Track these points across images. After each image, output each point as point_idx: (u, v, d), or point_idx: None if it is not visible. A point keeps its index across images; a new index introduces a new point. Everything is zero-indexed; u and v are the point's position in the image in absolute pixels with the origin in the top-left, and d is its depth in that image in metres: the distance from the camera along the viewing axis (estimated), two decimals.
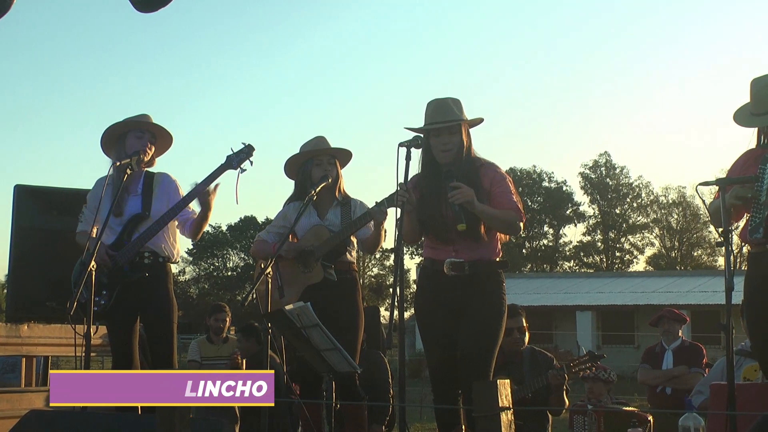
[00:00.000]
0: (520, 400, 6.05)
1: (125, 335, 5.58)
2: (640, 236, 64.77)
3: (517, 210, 4.89)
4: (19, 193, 6.32)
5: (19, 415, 4.72)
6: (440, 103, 4.95)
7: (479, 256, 4.89)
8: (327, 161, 5.78)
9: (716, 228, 4.45)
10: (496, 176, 4.95)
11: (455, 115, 4.92)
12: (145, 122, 5.67)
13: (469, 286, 4.87)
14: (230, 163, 5.47)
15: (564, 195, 63.89)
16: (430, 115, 4.94)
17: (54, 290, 6.11)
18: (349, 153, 5.90)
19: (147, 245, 5.52)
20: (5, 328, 6.06)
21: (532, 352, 6.48)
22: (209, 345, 8.58)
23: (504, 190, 4.91)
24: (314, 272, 5.68)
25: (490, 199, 4.86)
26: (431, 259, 5.01)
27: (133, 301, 5.50)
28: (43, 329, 6.21)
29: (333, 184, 5.77)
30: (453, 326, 4.90)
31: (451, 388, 4.95)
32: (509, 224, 4.92)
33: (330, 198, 5.81)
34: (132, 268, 5.50)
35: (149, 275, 5.51)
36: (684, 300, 30.68)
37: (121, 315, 5.53)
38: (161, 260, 5.60)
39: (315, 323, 4.72)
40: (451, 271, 4.87)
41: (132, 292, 5.48)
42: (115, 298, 5.45)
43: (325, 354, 4.88)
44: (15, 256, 6.28)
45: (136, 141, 5.60)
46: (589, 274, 48.97)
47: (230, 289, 61.76)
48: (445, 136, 4.91)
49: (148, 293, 5.50)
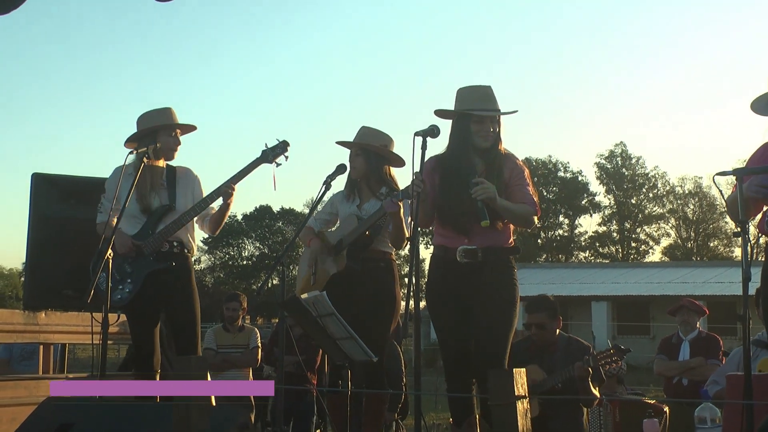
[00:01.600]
0: (549, 390, 6.04)
1: (148, 326, 5.59)
2: (656, 227, 64.61)
3: (532, 204, 4.91)
4: (36, 182, 6.33)
5: (37, 402, 4.75)
6: (485, 91, 5.00)
7: (492, 242, 4.90)
8: (354, 153, 5.82)
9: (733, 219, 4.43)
10: (515, 168, 4.98)
11: (497, 104, 4.98)
12: (177, 124, 5.74)
13: (481, 273, 4.87)
14: (266, 157, 5.61)
15: (579, 185, 63.71)
16: (475, 100, 4.96)
17: (71, 278, 6.12)
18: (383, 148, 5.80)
19: (174, 236, 5.57)
20: (23, 316, 6.09)
21: (567, 341, 6.38)
22: (225, 333, 8.60)
23: (521, 183, 4.94)
24: (339, 261, 5.72)
25: (507, 191, 4.88)
26: (444, 246, 5.01)
27: (159, 292, 5.51)
28: (60, 317, 6.24)
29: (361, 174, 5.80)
30: (466, 315, 4.90)
31: (465, 376, 4.96)
32: (525, 219, 4.95)
33: (374, 188, 5.84)
34: (158, 257, 5.53)
35: (175, 265, 5.55)
36: (700, 291, 30.58)
37: (145, 305, 5.54)
38: (186, 251, 5.67)
39: (330, 312, 4.72)
40: (464, 258, 4.87)
41: (157, 283, 5.50)
42: (140, 287, 5.47)
43: (341, 343, 4.88)
44: (32, 244, 6.30)
45: (169, 138, 5.68)
46: (604, 265, 48.84)
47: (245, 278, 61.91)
48: (488, 123, 4.95)
49: (173, 284, 5.53)
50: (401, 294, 5.73)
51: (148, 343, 5.58)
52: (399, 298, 5.73)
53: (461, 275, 4.90)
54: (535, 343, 6.29)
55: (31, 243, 6.29)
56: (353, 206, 5.84)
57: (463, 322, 4.92)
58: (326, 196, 5.73)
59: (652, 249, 64.39)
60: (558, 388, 6.05)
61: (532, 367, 5.89)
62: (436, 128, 4.85)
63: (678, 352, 7.77)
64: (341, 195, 5.96)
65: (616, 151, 63.81)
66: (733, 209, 4.38)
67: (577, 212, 64.08)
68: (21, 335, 6.20)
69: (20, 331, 6.11)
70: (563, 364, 6.09)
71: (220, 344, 8.53)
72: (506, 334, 4.86)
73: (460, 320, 4.93)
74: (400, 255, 5.95)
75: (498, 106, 4.98)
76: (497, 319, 4.84)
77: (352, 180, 5.87)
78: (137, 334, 5.61)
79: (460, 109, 4.97)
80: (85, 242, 6.10)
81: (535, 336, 6.28)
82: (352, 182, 5.88)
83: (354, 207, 5.83)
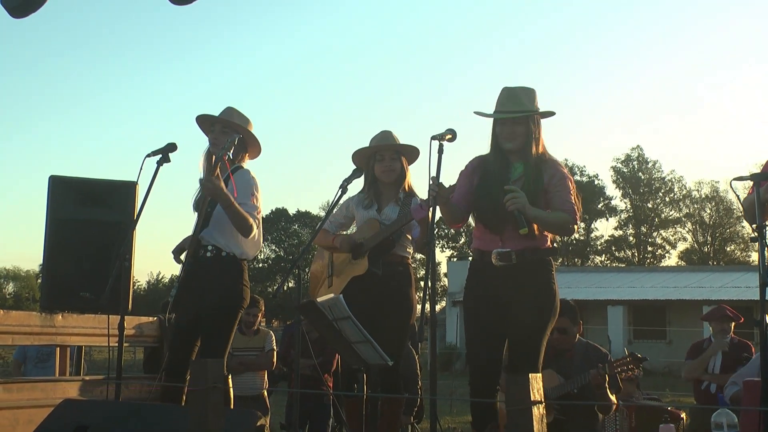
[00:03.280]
0: (565, 395, 6.02)
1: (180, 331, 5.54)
2: (673, 231, 64.40)
3: (571, 211, 4.83)
4: (54, 184, 6.35)
5: (53, 404, 4.76)
6: (510, 93, 4.95)
7: (526, 245, 4.84)
8: (390, 157, 5.81)
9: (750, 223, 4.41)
10: (556, 174, 4.90)
11: (523, 105, 4.90)
12: (235, 123, 5.66)
13: (517, 276, 4.83)
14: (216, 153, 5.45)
15: (596, 189, 63.52)
16: (500, 102, 4.95)
17: (88, 280, 6.14)
18: (415, 150, 5.86)
19: (208, 240, 5.51)
20: (40, 318, 6.10)
21: (586, 347, 6.36)
22: (240, 336, 8.61)
23: (561, 189, 4.87)
24: (360, 264, 5.72)
25: (547, 197, 4.84)
26: (480, 250, 4.99)
27: (194, 295, 5.47)
28: (77, 319, 6.26)
29: (395, 177, 5.81)
30: (500, 320, 4.86)
31: (490, 383, 4.89)
32: (561, 227, 4.89)
33: (393, 193, 5.85)
34: (192, 261, 5.50)
35: (206, 269, 5.49)
36: (716, 295, 30.40)
37: (182, 308, 5.54)
38: (224, 255, 5.52)
39: (346, 315, 4.71)
40: (499, 261, 4.85)
41: (192, 286, 5.47)
42: (177, 292, 5.47)
43: (356, 346, 4.88)
44: (50, 246, 6.32)
45: (222, 135, 5.60)
46: (620, 269, 48.64)
47: (261, 280, 61.98)
48: (509, 125, 4.90)
49: (206, 288, 5.45)
50: (417, 298, 5.73)
51: (176, 348, 5.52)
52: (415, 302, 5.73)
53: (497, 278, 4.87)
54: (554, 347, 6.28)
55: (49, 245, 6.32)
56: (372, 210, 5.84)
57: (495, 327, 4.88)
58: (342, 199, 5.73)
59: (668, 253, 64.25)
60: (574, 393, 6.03)
61: (548, 372, 5.87)
62: (452, 132, 4.85)
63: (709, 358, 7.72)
64: (357, 199, 5.96)
65: (633, 154, 63.72)
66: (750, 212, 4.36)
67: (593, 216, 63.89)
68: (38, 337, 6.21)
69: (37, 333, 6.12)
70: (580, 371, 6.06)
71: (235, 347, 8.54)
72: (539, 336, 4.82)
73: (493, 325, 4.88)
74: (415, 258, 5.94)
75: (525, 107, 4.89)
76: (531, 323, 4.80)
77: (375, 184, 5.86)
78: (170, 338, 5.61)
79: (491, 112, 4.96)
80: (102, 245, 6.14)
81: (555, 341, 6.26)
82: (374, 186, 5.87)
83: (373, 211, 5.83)
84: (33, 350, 8.48)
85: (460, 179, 5.04)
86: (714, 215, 63.50)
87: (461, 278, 6.15)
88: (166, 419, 4.33)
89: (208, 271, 5.49)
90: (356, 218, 5.94)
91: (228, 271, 5.52)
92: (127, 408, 4.64)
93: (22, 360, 8.91)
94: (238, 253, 5.54)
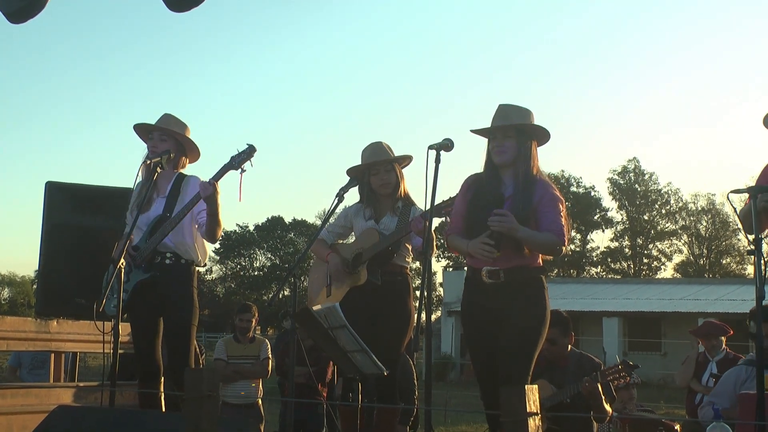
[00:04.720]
0: (557, 405, 6.01)
1: (146, 333, 5.58)
2: (669, 243, 64.47)
3: (559, 234, 4.84)
4: (50, 190, 6.35)
5: (47, 410, 4.74)
6: (504, 109, 4.98)
7: (516, 263, 4.86)
8: (384, 169, 5.82)
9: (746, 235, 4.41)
10: (546, 195, 4.90)
11: (510, 120, 4.92)
12: (172, 130, 5.67)
13: (507, 292, 4.85)
14: (232, 163, 5.44)
15: (592, 200, 63.63)
16: (494, 118, 4.98)
17: (84, 287, 6.13)
18: (408, 156, 5.90)
19: (168, 246, 5.53)
20: (35, 324, 6.10)
21: (579, 357, 6.37)
22: (236, 344, 8.60)
23: (550, 210, 4.88)
24: (359, 274, 5.73)
25: (536, 216, 4.85)
26: (472, 267, 5.02)
27: (154, 300, 5.51)
28: (72, 325, 6.25)
29: (392, 189, 5.83)
30: (495, 333, 4.86)
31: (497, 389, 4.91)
32: (548, 247, 4.89)
33: (390, 202, 5.85)
34: (147, 268, 5.53)
35: (167, 276, 5.52)
36: (712, 308, 30.43)
37: (141, 313, 5.55)
38: (183, 262, 5.60)
39: (342, 324, 4.71)
40: (489, 278, 4.87)
41: (152, 292, 5.50)
42: (132, 296, 5.46)
43: (352, 355, 4.87)
44: (45, 252, 6.31)
45: (160, 143, 5.62)
46: (616, 280, 48.68)
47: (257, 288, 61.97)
48: (498, 140, 4.93)
49: (167, 293, 5.50)
50: (414, 308, 5.73)
51: (143, 352, 5.58)
52: (413, 312, 5.72)
53: (488, 295, 4.89)
54: (546, 358, 6.27)
55: (44, 251, 6.31)
56: (370, 220, 5.84)
57: (492, 340, 4.88)
58: (338, 208, 5.73)
59: (664, 265, 64.30)
60: (567, 403, 6.03)
61: (541, 382, 5.88)
62: (450, 141, 4.85)
63: (704, 371, 7.74)
64: (355, 208, 5.97)
65: (629, 166, 63.83)
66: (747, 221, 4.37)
67: (589, 227, 63.97)
68: (33, 343, 6.21)
69: (32, 339, 6.12)
70: (573, 381, 6.06)
71: (230, 355, 8.52)
72: (527, 352, 4.82)
73: (489, 338, 4.89)
74: (411, 267, 5.95)
75: (512, 121, 4.91)
76: (520, 336, 4.79)
77: (372, 195, 5.86)
78: (136, 339, 5.66)
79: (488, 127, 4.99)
80: (97, 251, 6.13)
81: (546, 351, 6.26)
82: (371, 197, 5.86)
83: (371, 221, 5.83)
84: (28, 357, 8.47)
85: (457, 200, 5.09)
86: (710, 228, 63.58)
87: (457, 288, 6.17)
88: (160, 426, 4.32)
89: (169, 277, 5.53)
90: (354, 228, 5.95)
91: (189, 277, 5.61)
92: (120, 415, 4.63)
93: (17, 366, 8.89)
94: (195, 260, 5.66)
